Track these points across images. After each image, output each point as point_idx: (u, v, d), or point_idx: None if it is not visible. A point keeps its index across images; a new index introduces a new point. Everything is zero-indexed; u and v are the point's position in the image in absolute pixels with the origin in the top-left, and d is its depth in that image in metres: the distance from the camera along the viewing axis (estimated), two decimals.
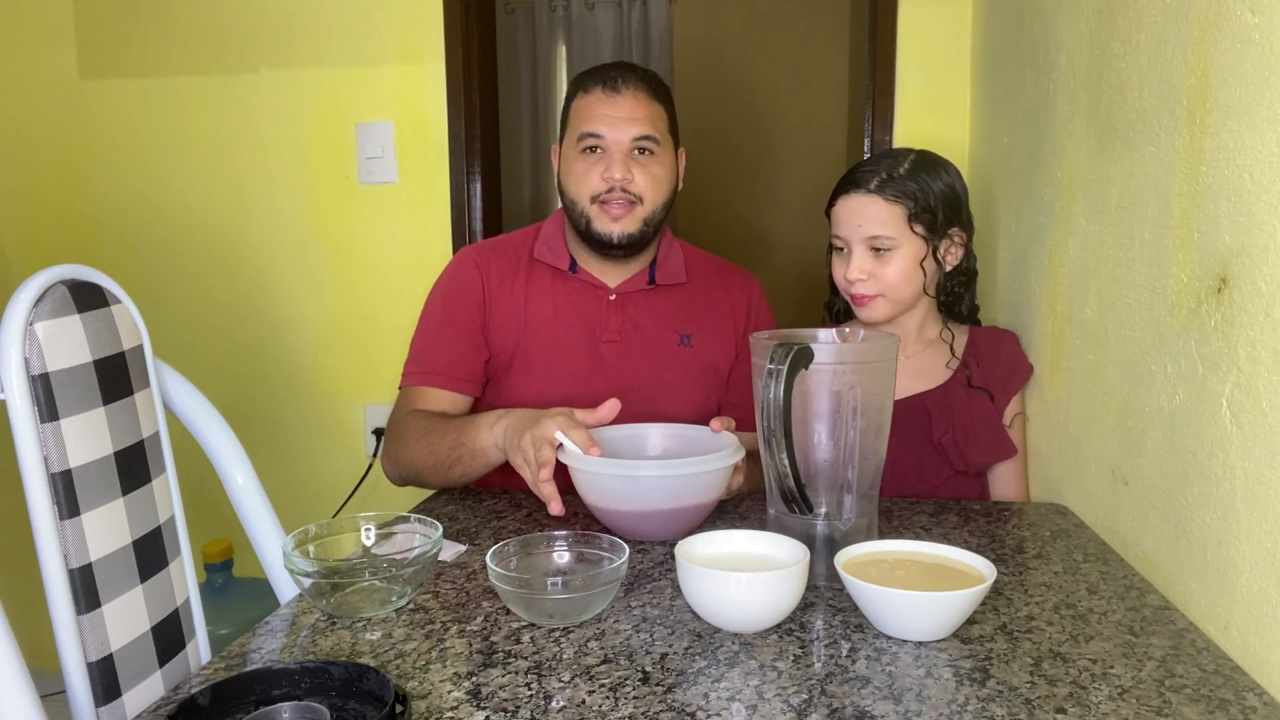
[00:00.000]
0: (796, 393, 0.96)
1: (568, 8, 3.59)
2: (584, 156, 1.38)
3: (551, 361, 1.43)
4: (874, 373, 1.01)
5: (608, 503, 1.11)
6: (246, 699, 0.73)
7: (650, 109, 1.38)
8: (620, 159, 1.36)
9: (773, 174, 3.83)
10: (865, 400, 0.99)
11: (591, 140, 1.36)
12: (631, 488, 1.09)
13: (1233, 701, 0.75)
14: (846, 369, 0.99)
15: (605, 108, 1.36)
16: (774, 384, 0.94)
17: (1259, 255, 0.83)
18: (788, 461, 0.95)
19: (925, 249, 1.33)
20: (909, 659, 0.82)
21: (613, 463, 1.09)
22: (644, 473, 1.09)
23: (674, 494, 1.09)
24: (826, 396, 0.99)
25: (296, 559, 0.94)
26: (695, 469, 1.09)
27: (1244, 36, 0.85)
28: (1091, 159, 1.22)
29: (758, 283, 1.57)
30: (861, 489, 1.02)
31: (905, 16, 1.90)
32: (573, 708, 0.74)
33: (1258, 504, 0.83)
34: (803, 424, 0.99)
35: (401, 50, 2.06)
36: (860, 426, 1.00)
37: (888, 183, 1.32)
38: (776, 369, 0.94)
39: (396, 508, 1.16)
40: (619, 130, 1.35)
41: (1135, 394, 1.08)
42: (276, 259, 2.16)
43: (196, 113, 2.14)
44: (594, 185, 1.37)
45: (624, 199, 1.36)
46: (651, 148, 1.37)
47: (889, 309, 1.36)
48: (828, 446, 1.00)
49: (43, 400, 0.87)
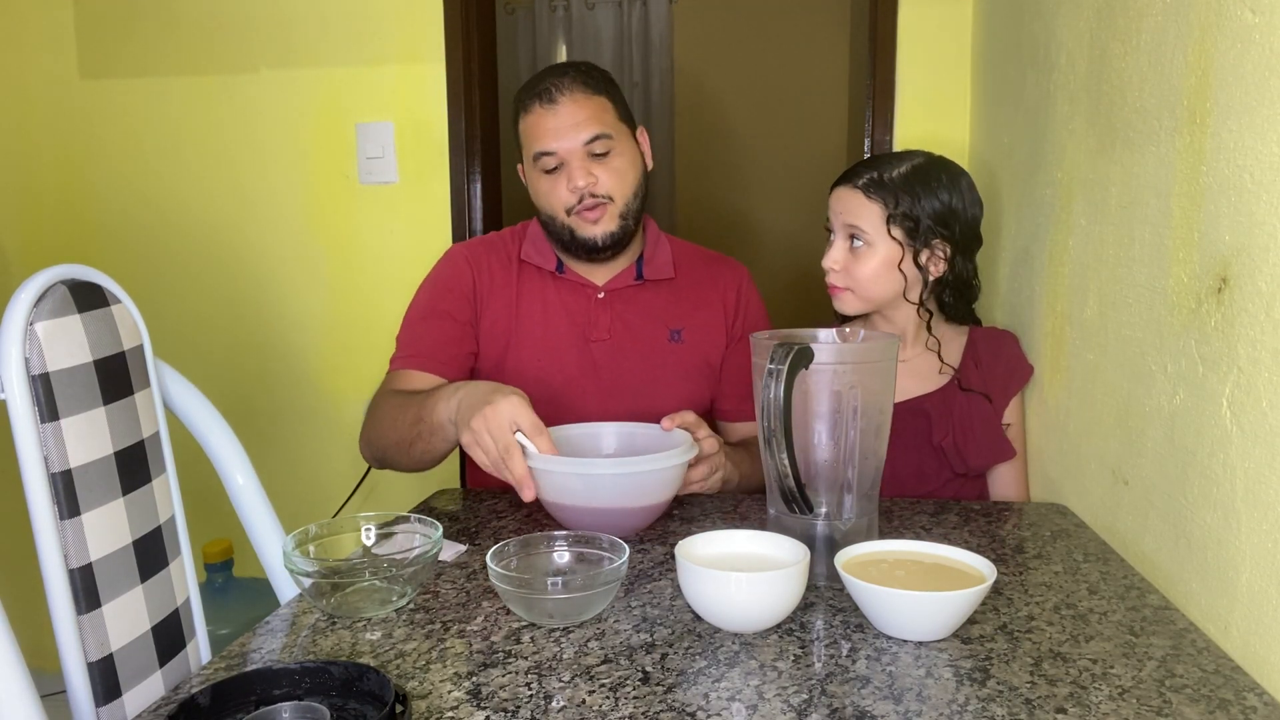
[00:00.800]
0: (797, 392, 0.96)
1: (568, 8, 3.59)
2: (545, 175, 1.38)
3: (542, 360, 1.43)
4: (874, 373, 1.01)
5: (563, 499, 1.11)
6: (247, 699, 0.73)
7: (591, 106, 1.37)
8: (579, 166, 1.35)
9: (773, 173, 3.83)
10: (866, 400, 0.99)
11: (546, 159, 1.37)
12: (588, 485, 1.10)
13: (1233, 701, 0.75)
14: (847, 369, 0.99)
15: (549, 121, 1.36)
16: (774, 384, 0.94)
17: (1259, 255, 0.83)
18: (788, 461, 0.95)
19: (901, 253, 1.32)
20: (909, 659, 0.82)
21: (570, 461, 1.10)
22: (600, 470, 1.11)
23: (629, 492, 1.10)
24: (827, 396, 0.99)
25: (297, 559, 0.94)
26: (650, 466, 1.10)
27: (1244, 36, 0.85)
28: (1092, 159, 1.22)
29: (746, 271, 1.56)
30: (862, 489, 1.02)
31: (905, 16, 1.90)
32: (573, 708, 0.74)
33: (1258, 504, 0.83)
34: (803, 424, 0.99)
35: (402, 50, 2.06)
36: (860, 426, 1.00)
37: (874, 183, 1.32)
38: (777, 369, 0.94)
39: (397, 508, 1.16)
40: (567, 139, 1.35)
41: (1135, 394, 1.08)
42: (277, 259, 2.16)
43: (197, 113, 2.14)
44: (564, 199, 1.37)
45: (594, 202, 1.36)
46: (605, 146, 1.37)
47: (858, 304, 1.36)
48: (828, 446, 1.00)
49: (43, 400, 0.87)
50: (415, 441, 1.26)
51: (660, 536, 1.14)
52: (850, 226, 1.33)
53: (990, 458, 1.37)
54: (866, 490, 1.03)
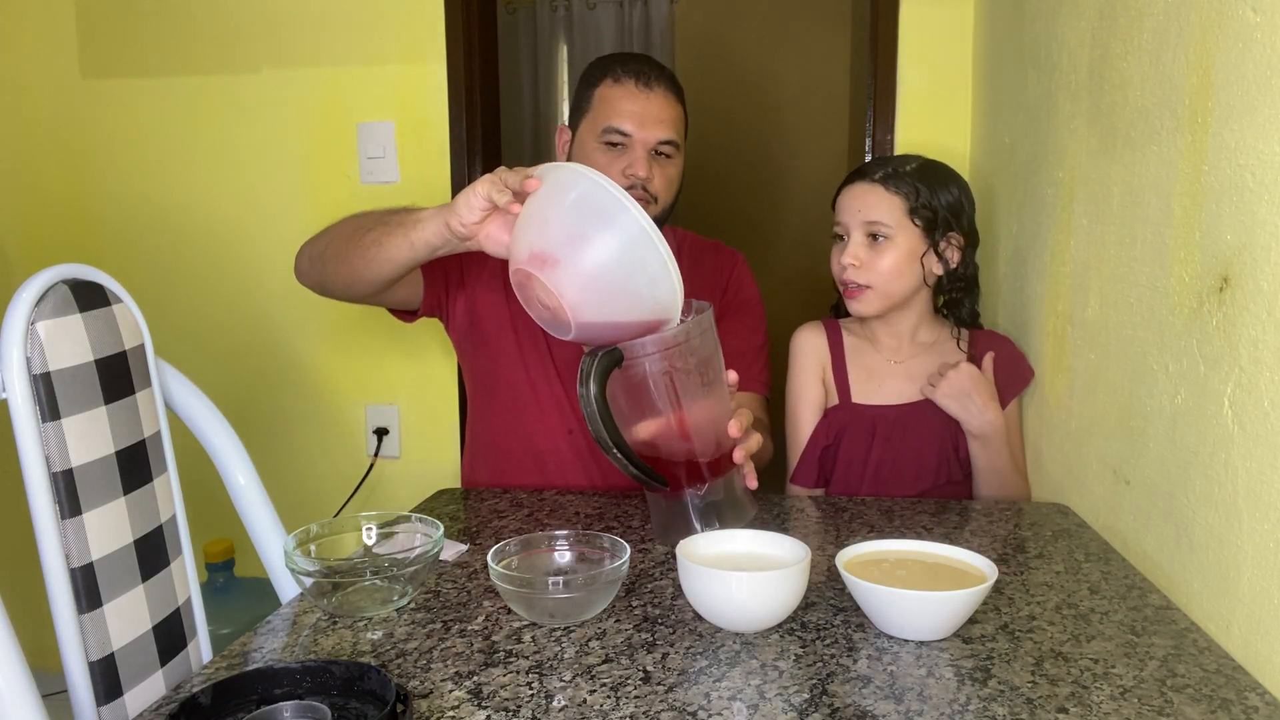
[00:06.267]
0: (619, 387, 1.02)
1: (569, 7, 3.59)
2: (605, 149, 1.36)
3: (537, 356, 1.42)
4: (686, 352, 1.04)
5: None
6: (248, 698, 0.73)
7: (675, 111, 1.38)
8: (644, 157, 1.35)
9: (774, 173, 3.83)
10: (682, 380, 1.03)
11: (617, 136, 1.35)
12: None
13: (1234, 701, 0.75)
14: (657, 356, 1.02)
15: (636, 104, 1.35)
16: (585, 389, 0.99)
17: (1261, 254, 0.83)
18: (619, 454, 1.01)
19: (922, 244, 1.34)
20: (910, 658, 0.82)
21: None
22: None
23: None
24: (647, 386, 1.04)
25: (298, 558, 0.94)
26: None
27: (1246, 36, 0.85)
28: (1093, 158, 1.22)
29: (742, 258, 1.56)
30: (706, 454, 1.06)
31: (906, 15, 1.90)
32: (574, 707, 0.74)
33: (1259, 504, 0.83)
34: (637, 413, 1.05)
35: (403, 50, 2.05)
36: (685, 402, 1.04)
37: (891, 176, 1.34)
38: (585, 374, 0.99)
39: (398, 507, 1.16)
40: (647, 130, 1.35)
41: (1137, 393, 1.08)
42: (278, 258, 2.16)
43: (198, 112, 2.14)
44: (616, 179, 1.35)
45: (642, 195, 1.35)
46: (672, 152, 1.38)
47: (879, 303, 1.36)
48: (663, 426, 1.05)
49: (44, 399, 0.87)
50: (372, 230, 1.19)
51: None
52: (870, 223, 1.33)
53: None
54: (713, 453, 1.07)
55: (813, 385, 1.43)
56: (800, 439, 1.42)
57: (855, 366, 1.42)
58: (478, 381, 1.49)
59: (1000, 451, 1.35)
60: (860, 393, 1.41)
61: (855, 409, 1.40)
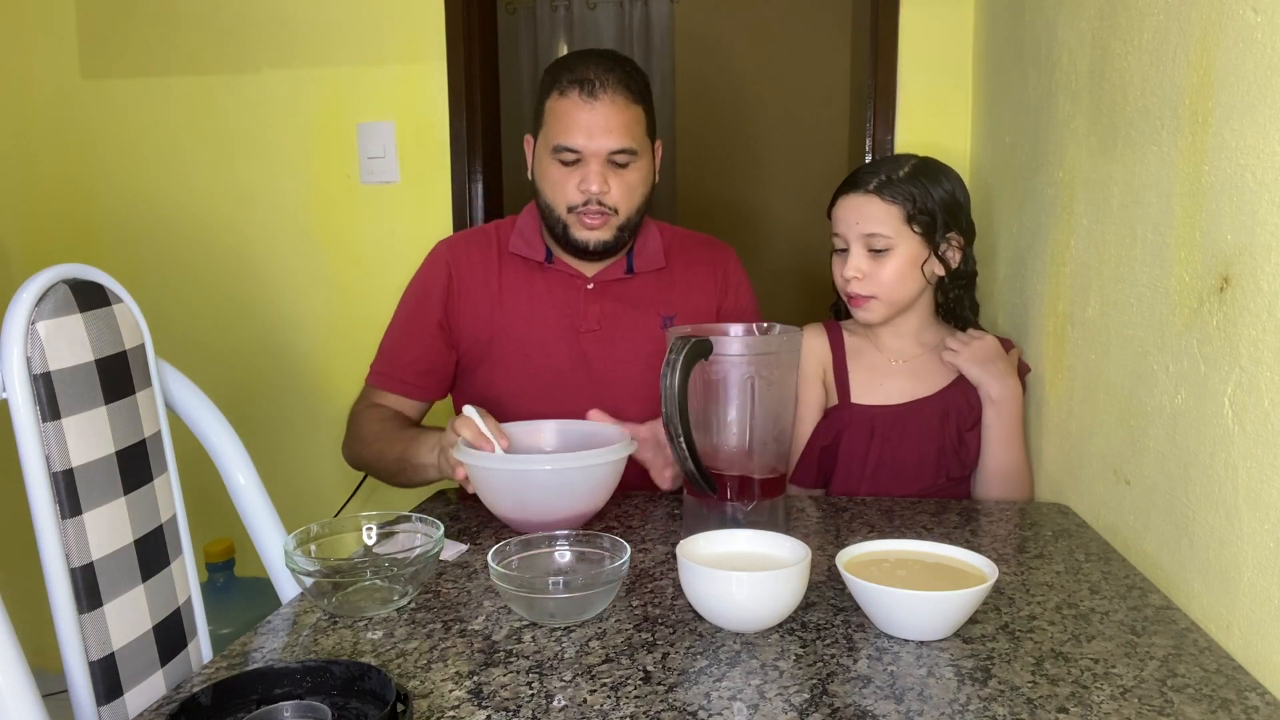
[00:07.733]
0: (698, 382, 1.04)
1: (569, 7, 3.59)
2: (558, 165, 1.34)
3: (529, 354, 1.42)
4: (773, 364, 1.07)
5: (500, 497, 1.13)
6: (248, 698, 0.73)
7: (627, 114, 1.32)
8: (597, 171, 1.32)
9: (775, 173, 3.83)
10: (762, 389, 1.05)
11: (569, 155, 1.32)
12: (520, 482, 1.11)
13: (1235, 701, 0.75)
14: (744, 360, 1.06)
15: (582, 115, 1.30)
16: (670, 374, 1.01)
17: (1261, 254, 0.83)
18: (685, 445, 1.03)
19: (923, 250, 1.33)
20: (911, 658, 0.82)
21: (504, 458, 1.12)
22: (534, 467, 1.11)
23: (563, 488, 1.11)
24: (726, 386, 1.06)
25: (298, 558, 0.94)
26: (584, 462, 1.10)
27: (1246, 36, 0.85)
28: (1093, 158, 1.22)
29: (733, 252, 1.55)
30: (763, 471, 1.08)
31: (907, 15, 1.90)
32: (574, 707, 0.74)
33: (1260, 504, 0.83)
34: (706, 411, 1.07)
35: (403, 50, 2.05)
36: (759, 413, 1.06)
37: (886, 184, 1.32)
38: (673, 359, 1.02)
39: (398, 507, 1.16)
40: (596, 141, 1.31)
41: (1137, 393, 1.08)
42: (278, 258, 2.16)
43: (198, 112, 2.14)
44: (570, 196, 1.34)
45: (599, 210, 1.34)
46: (628, 160, 1.34)
47: (884, 310, 1.36)
48: (729, 432, 1.07)
49: (44, 399, 0.87)
50: (398, 474, 1.36)
51: (661, 536, 1.14)
52: (869, 235, 1.33)
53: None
54: (768, 473, 1.08)
55: (813, 387, 1.43)
56: (800, 440, 1.42)
57: (856, 367, 1.42)
58: (476, 396, 1.48)
59: (1016, 420, 1.35)
60: (860, 393, 1.41)
61: (855, 409, 1.40)
